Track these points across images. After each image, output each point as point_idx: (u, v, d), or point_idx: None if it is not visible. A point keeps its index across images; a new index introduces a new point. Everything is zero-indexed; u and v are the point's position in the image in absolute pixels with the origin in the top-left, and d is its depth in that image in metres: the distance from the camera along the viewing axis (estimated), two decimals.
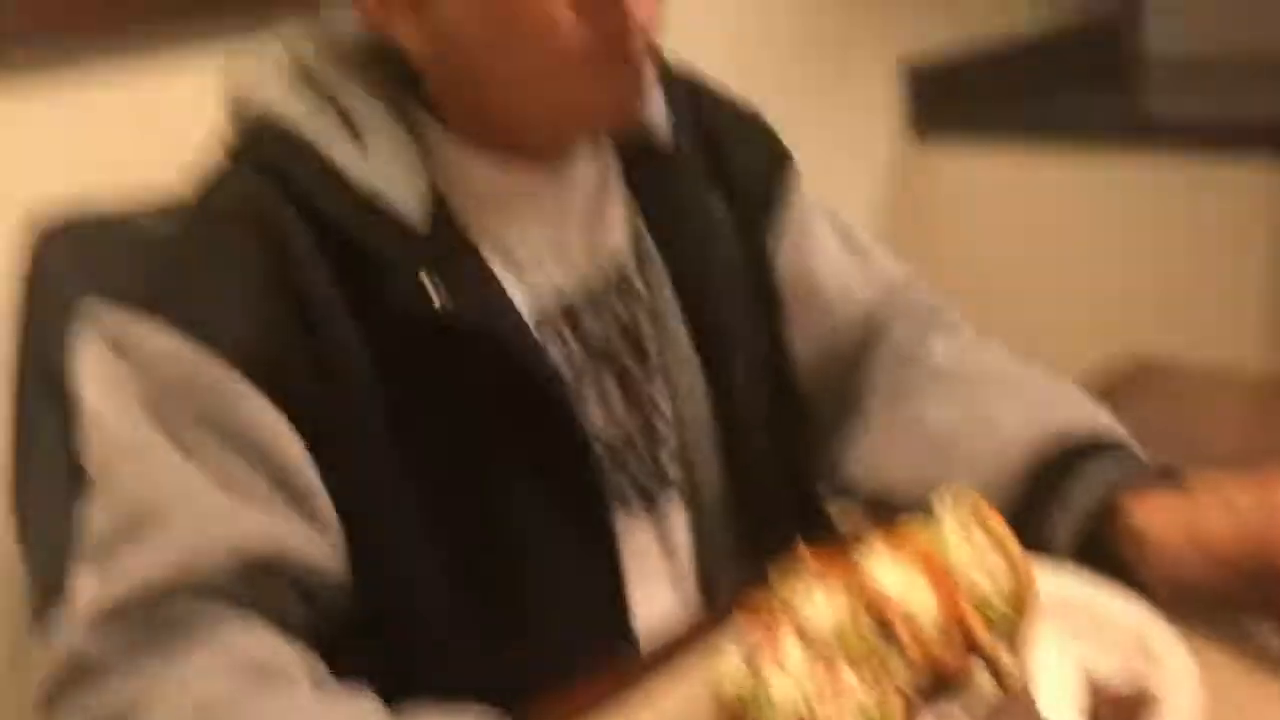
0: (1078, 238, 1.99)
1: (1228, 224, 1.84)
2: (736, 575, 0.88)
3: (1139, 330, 1.77)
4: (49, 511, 0.84)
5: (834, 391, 0.95)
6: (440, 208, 0.76)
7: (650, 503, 0.86)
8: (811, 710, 0.59)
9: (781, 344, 0.95)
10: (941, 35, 2.12)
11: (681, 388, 0.88)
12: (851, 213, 0.99)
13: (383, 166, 0.74)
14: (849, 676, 0.60)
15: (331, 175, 0.73)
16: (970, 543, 0.66)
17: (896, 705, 0.60)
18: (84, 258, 0.89)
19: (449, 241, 0.76)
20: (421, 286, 0.72)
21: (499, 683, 0.70)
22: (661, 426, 0.87)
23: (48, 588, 0.79)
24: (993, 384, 0.87)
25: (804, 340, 0.95)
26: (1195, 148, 1.85)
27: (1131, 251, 1.94)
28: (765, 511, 0.91)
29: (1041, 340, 1.74)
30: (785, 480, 0.94)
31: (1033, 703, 0.63)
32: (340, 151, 0.74)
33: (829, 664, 0.60)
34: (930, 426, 0.86)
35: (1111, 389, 1.04)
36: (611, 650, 0.79)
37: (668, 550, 0.87)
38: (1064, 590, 0.72)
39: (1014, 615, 0.66)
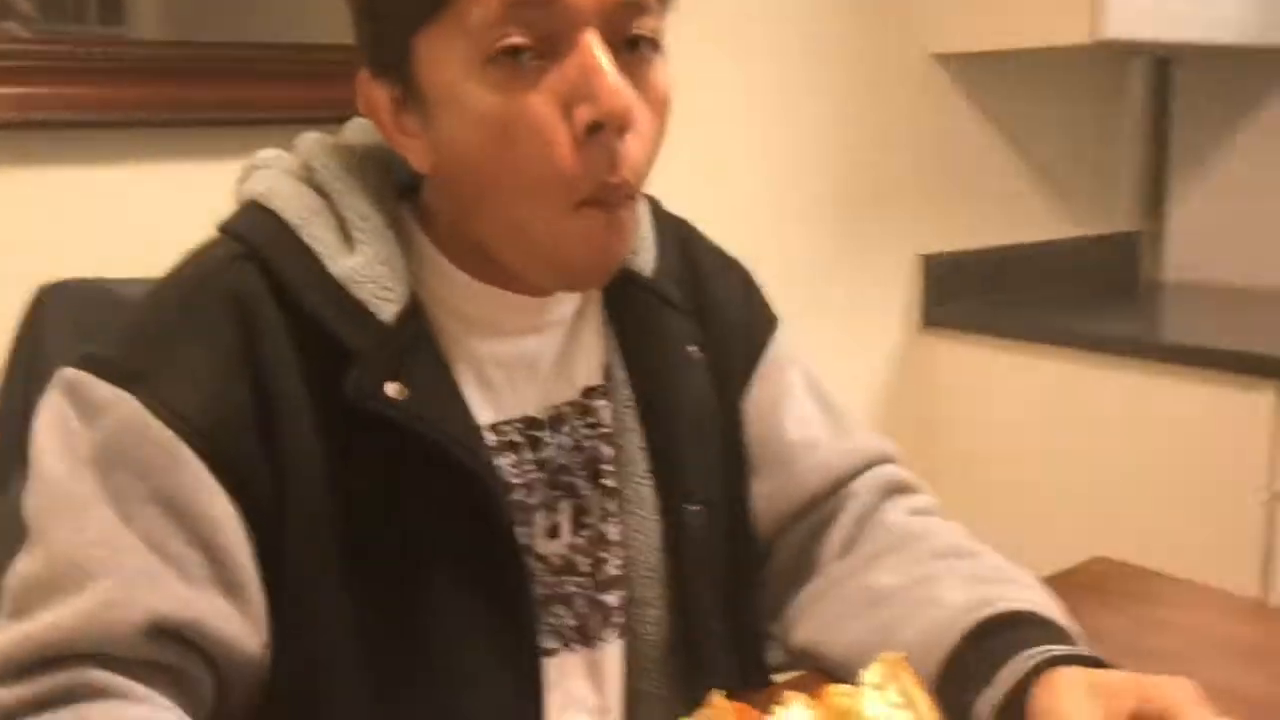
0: (1074, 439, 2.00)
1: (1228, 443, 1.85)
2: (666, 716, 0.86)
3: (1125, 537, 1.75)
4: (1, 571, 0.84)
5: (792, 557, 0.94)
6: (416, 313, 0.77)
7: (586, 635, 0.85)
8: None
9: (744, 498, 0.94)
10: (962, 238, 2.19)
11: (635, 524, 0.87)
12: (857, 391, 1.00)
13: (364, 265, 0.76)
14: None
15: (310, 262, 0.75)
16: (884, 699, 0.66)
17: None
18: (70, 321, 0.92)
19: (417, 345, 0.77)
20: (380, 382, 0.73)
21: None
22: (609, 560, 0.86)
23: None
24: (948, 559, 0.87)
25: (769, 499, 0.94)
26: (1199, 367, 1.87)
27: (1124, 457, 1.95)
28: (705, 657, 0.89)
29: (1026, 532, 1.74)
30: (730, 630, 0.92)
31: None
32: (323, 242, 0.76)
33: None
34: (877, 593, 0.86)
35: (1078, 587, 1.04)
36: None
37: (597, 684, 0.86)
38: None
39: None
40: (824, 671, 0.84)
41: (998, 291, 2.21)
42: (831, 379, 1.00)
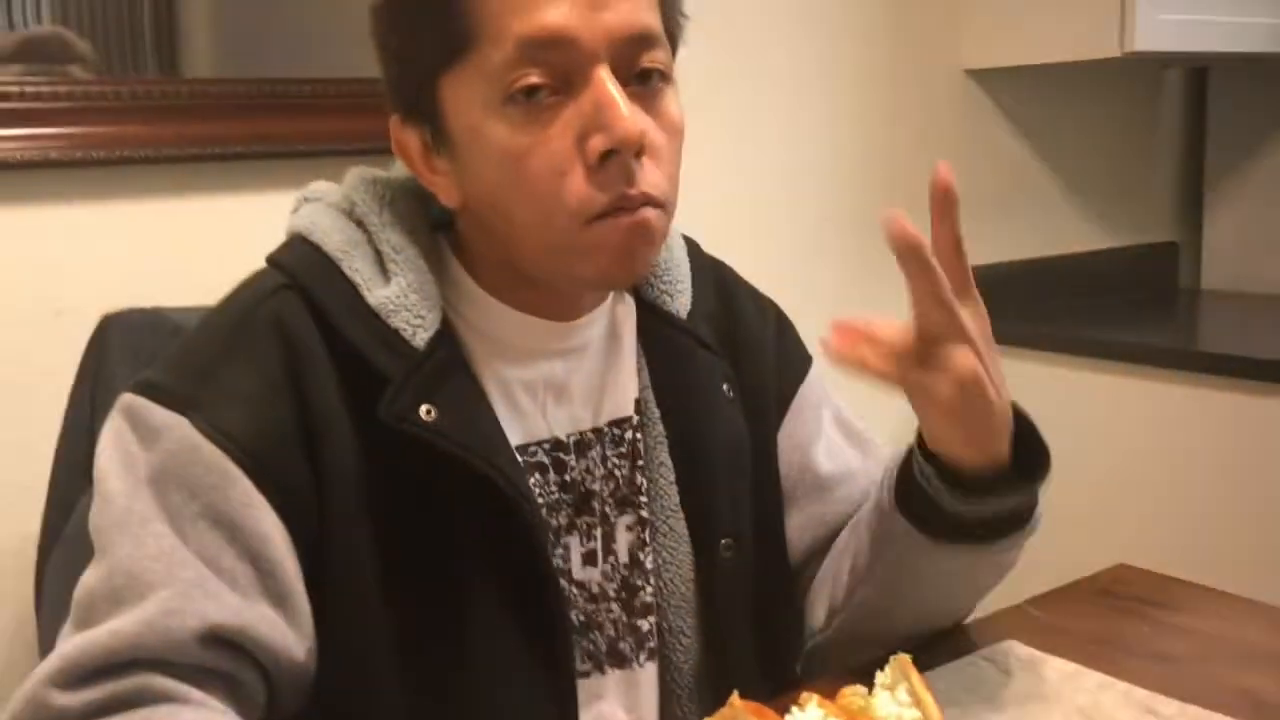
0: (1112, 449, 2.00)
1: (1263, 452, 1.84)
2: None
3: (1161, 547, 1.75)
4: (70, 584, 0.89)
5: (818, 563, 0.97)
6: (447, 337, 0.81)
7: (620, 659, 0.88)
8: None
9: (777, 529, 0.97)
10: (998, 252, 2.20)
11: (667, 555, 0.90)
12: (894, 410, 1.02)
13: (398, 295, 0.80)
14: None
15: (349, 292, 0.80)
16: (894, 697, 0.70)
17: None
18: (131, 347, 0.97)
19: (448, 368, 0.80)
20: (413, 405, 0.77)
21: None
22: (644, 587, 0.89)
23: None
24: None
25: (802, 529, 0.97)
26: (1236, 377, 1.87)
27: (1164, 466, 1.94)
28: (737, 682, 0.91)
29: (1059, 540, 1.74)
30: (761, 655, 0.94)
31: None
32: (361, 274, 0.80)
33: None
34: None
35: (1099, 593, 1.06)
36: None
37: (631, 705, 0.88)
38: None
39: None
40: (842, 677, 0.87)
41: (1036, 304, 2.21)
42: (868, 399, 1.03)
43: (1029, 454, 0.82)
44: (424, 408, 0.77)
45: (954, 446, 0.80)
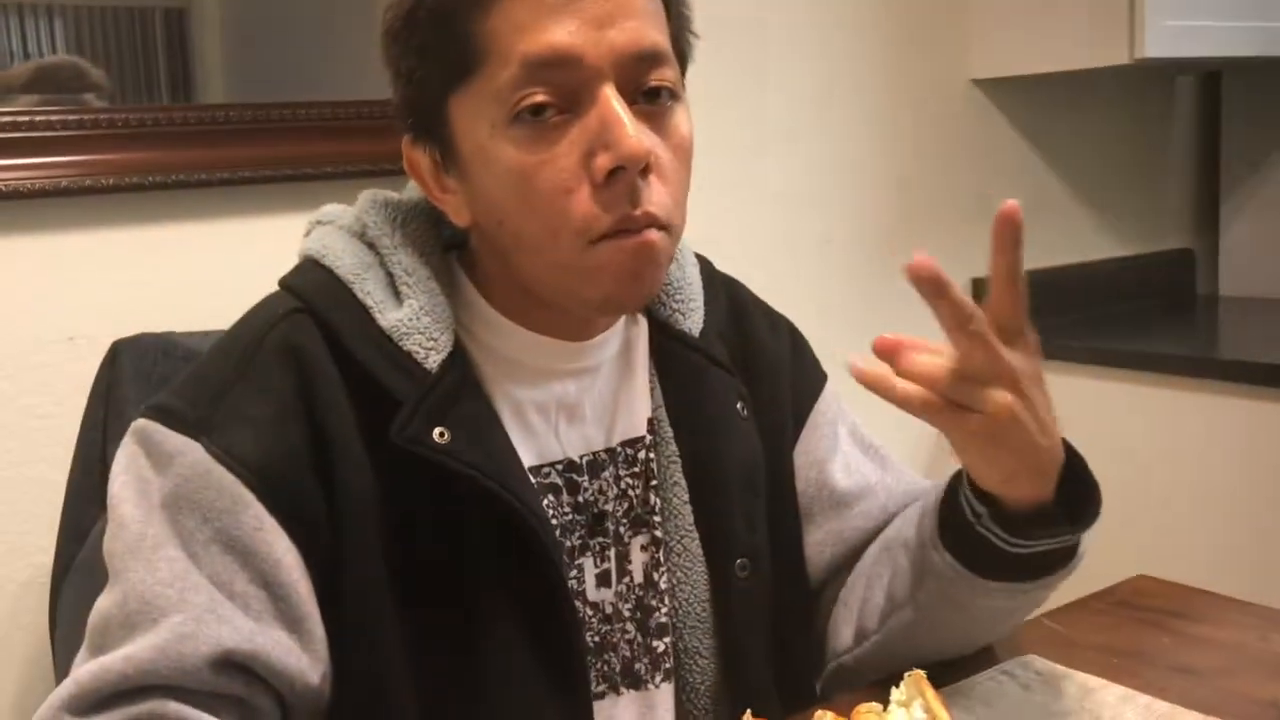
0: (1130, 458, 1.99)
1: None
2: None
3: (1178, 556, 1.74)
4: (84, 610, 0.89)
5: (839, 580, 0.97)
6: (460, 359, 0.81)
7: (636, 679, 0.88)
8: None
9: (794, 547, 0.96)
10: None
11: (681, 576, 0.89)
12: (910, 424, 1.01)
13: (411, 318, 0.80)
14: None
15: (361, 315, 0.80)
16: (909, 714, 0.69)
17: None
18: (143, 372, 0.98)
19: (460, 389, 0.80)
20: (426, 428, 0.77)
21: None
22: (659, 608, 0.89)
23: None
24: None
25: (821, 545, 0.97)
26: (1257, 384, 1.85)
27: (1181, 475, 1.93)
28: (754, 702, 0.90)
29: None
30: (779, 675, 0.94)
31: None
32: (374, 297, 0.81)
33: None
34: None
35: (1119, 604, 1.05)
36: None
37: None
38: None
39: None
40: (859, 695, 0.87)
41: (1050, 315, 2.20)
42: (882, 413, 1.02)
43: (1077, 492, 0.80)
44: (437, 430, 0.77)
45: (992, 484, 0.78)
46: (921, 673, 0.72)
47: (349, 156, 1.40)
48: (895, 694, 0.72)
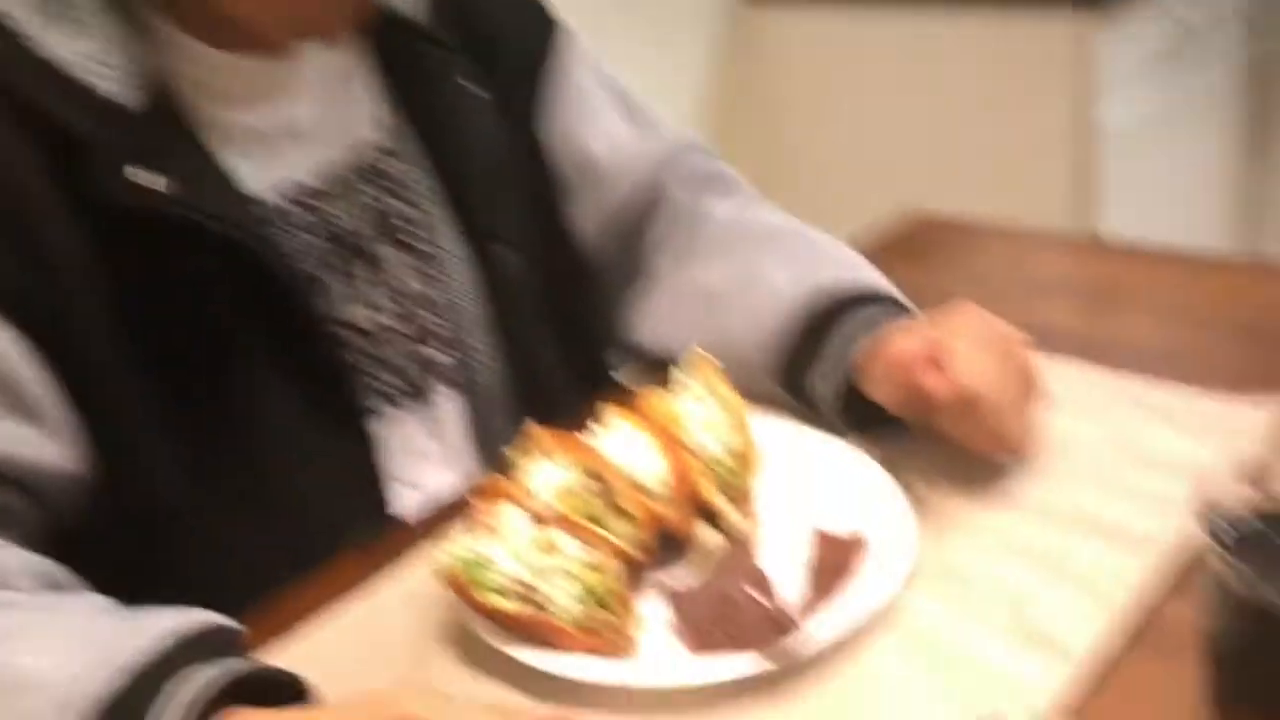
0: (896, 93, 2.02)
1: (1036, 83, 1.88)
2: None
3: (946, 190, 1.81)
4: None
5: (618, 260, 0.95)
6: (160, 95, 0.72)
7: (415, 390, 0.85)
8: (528, 576, 0.60)
9: (562, 225, 0.93)
10: None
11: (449, 277, 0.86)
12: (679, 85, 0.97)
13: (87, 45, 0.69)
14: (566, 542, 0.60)
15: (25, 50, 0.68)
16: (702, 406, 0.68)
17: (613, 566, 0.61)
18: None
19: (167, 127, 0.72)
20: (135, 173, 0.69)
21: (248, 575, 0.70)
22: (428, 318, 0.86)
23: None
24: (768, 243, 0.88)
25: (586, 218, 0.94)
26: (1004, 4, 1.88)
27: (942, 108, 1.98)
28: (547, 395, 0.90)
29: (853, 194, 1.77)
30: (569, 359, 0.93)
31: (752, 555, 0.65)
32: (36, 26, 0.69)
33: (547, 532, 0.61)
34: (707, 288, 0.88)
35: (895, 243, 1.06)
36: (368, 533, 0.78)
37: (437, 434, 0.86)
38: (792, 445, 0.75)
39: (741, 472, 0.68)
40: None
41: None
42: (645, 74, 0.96)
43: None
44: (145, 174, 0.69)
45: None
46: (699, 350, 0.71)
47: None
48: (680, 374, 0.70)
